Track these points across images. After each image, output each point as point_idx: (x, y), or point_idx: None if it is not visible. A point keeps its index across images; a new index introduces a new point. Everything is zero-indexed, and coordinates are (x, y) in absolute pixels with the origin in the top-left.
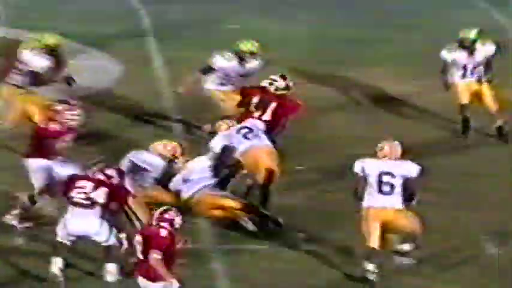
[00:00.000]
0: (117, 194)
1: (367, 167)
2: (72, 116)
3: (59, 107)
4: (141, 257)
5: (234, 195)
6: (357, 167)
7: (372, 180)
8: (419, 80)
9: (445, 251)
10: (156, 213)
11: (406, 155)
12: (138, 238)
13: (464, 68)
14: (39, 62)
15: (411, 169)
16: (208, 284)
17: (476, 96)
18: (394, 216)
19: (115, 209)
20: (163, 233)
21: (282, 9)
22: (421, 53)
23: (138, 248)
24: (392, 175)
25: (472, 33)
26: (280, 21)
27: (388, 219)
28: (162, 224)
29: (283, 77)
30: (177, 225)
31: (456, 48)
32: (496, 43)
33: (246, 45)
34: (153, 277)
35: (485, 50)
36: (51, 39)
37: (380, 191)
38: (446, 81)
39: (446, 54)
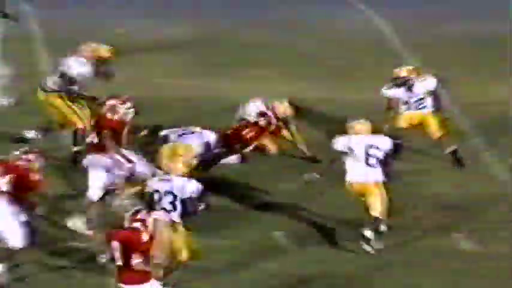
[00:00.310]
0: (26, 184)
1: (353, 141)
2: (127, 110)
3: (113, 101)
4: (121, 263)
5: None
6: (342, 142)
7: (359, 153)
8: (303, 80)
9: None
10: (127, 215)
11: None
12: (115, 244)
13: (407, 102)
14: (81, 68)
15: (386, 143)
16: (100, 281)
17: (420, 124)
18: (372, 189)
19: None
20: (145, 237)
21: (167, 13)
22: (304, 55)
23: (117, 255)
24: (378, 148)
25: (403, 71)
26: (167, 23)
27: (367, 192)
28: (135, 224)
29: (262, 114)
30: (149, 225)
31: (392, 85)
32: (436, 76)
33: (281, 108)
34: (137, 281)
35: (424, 84)
36: (103, 51)
37: (367, 164)
38: (389, 117)
39: (386, 91)
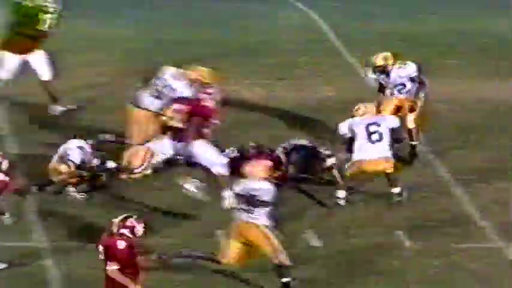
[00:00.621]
0: None
1: (353, 123)
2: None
3: (211, 90)
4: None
5: None
6: (343, 127)
7: (361, 133)
8: (239, 78)
9: None
10: (116, 220)
11: None
12: (100, 249)
13: (388, 88)
14: (189, 94)
15: (392, 121)
16: (40, 279)
17: (399, 111)
18: (384, 166)
19: None
20: (121, 245)
21: (104, 11)
22: (239, 53)
23: (101, 258)
24: (378, 124)
25: (378, 60)
26: (107, 22)
27: (378, 170)
28: (122, 231)
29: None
30: (138, 233)
31: (373, 71)
32: (417, 63)
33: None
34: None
35: (401, 70)
36: (208, 75)
37: (370, 141)
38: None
39: (369, 76)
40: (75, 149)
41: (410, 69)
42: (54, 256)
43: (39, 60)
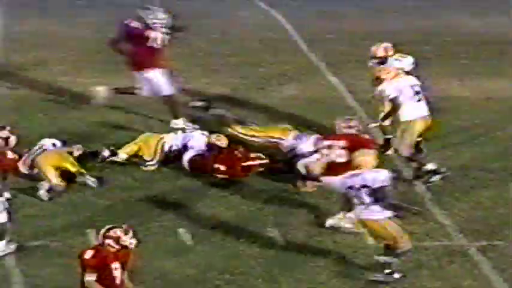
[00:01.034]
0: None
1: (401, 85)
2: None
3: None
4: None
5: None
6: (389, 89)
7: (410, 93)
8: (205, 77)
9: None
10: (101, 231)
11: None
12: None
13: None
14: None
15: (417, 81)
16: (1, 279)
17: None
18: (428, 123)
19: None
20: (87, 254)
21: (61, 11)
22: (204, 51)
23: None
24: (417, 85)
25: (379, 50)
26: (60, 22)
27: (426, 126)
28: (106, 241)
29: None
30: (125, 243)
31: (371, 62)
32: (414, 58)
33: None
34: None
35: (398, 63)
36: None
37: (417, 99)
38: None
39: (369, 66)
40: (50, 146)
41: (407, 62)
42: (16, 256)
43: (155, 77)
